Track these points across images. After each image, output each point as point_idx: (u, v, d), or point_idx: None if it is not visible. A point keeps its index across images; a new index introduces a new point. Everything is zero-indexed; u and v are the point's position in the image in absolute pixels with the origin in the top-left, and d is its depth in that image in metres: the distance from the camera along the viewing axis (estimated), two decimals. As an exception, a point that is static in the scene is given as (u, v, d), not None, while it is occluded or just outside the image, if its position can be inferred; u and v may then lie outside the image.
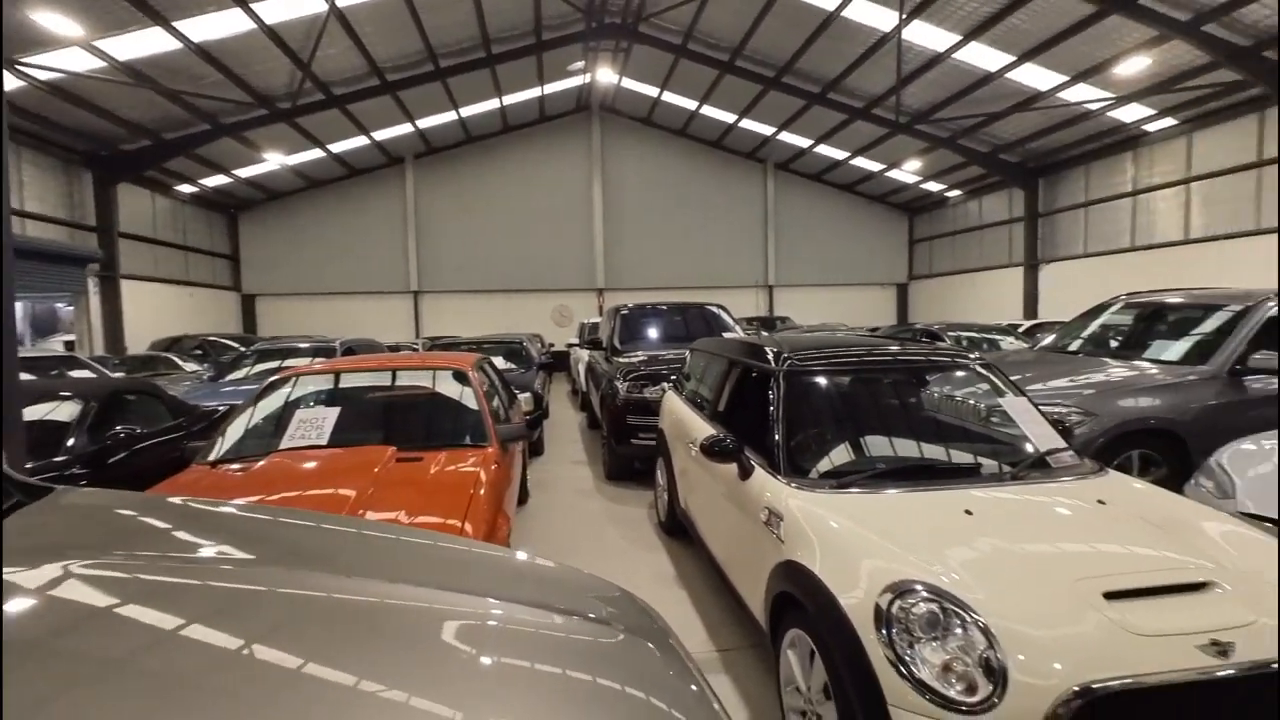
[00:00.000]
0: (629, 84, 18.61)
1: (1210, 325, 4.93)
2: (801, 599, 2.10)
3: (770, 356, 3.11)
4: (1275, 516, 2.85)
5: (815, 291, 22.11)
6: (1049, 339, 6.41)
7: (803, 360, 3.00)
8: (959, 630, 1.71)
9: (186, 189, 17.00)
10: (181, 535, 1.37)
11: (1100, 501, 2.26)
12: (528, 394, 7.28)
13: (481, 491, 2.82)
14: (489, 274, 20.76)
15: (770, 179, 21.63)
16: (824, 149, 19.17)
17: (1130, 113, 13.25)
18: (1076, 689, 1.56)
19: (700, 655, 2.99)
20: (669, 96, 18.69)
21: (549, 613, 1.17)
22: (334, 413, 3.41)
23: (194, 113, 13.21)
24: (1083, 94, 12.82)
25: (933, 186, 19.97)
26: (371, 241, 20.43)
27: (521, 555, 1.64)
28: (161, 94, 11.94)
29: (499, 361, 8.22)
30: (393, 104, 15.64)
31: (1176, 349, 5.03)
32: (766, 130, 18.98)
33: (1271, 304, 4.75)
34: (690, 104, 18.70)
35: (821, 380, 3.07)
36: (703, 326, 7.68)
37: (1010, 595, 1.78)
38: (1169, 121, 13.14)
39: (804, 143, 19.11)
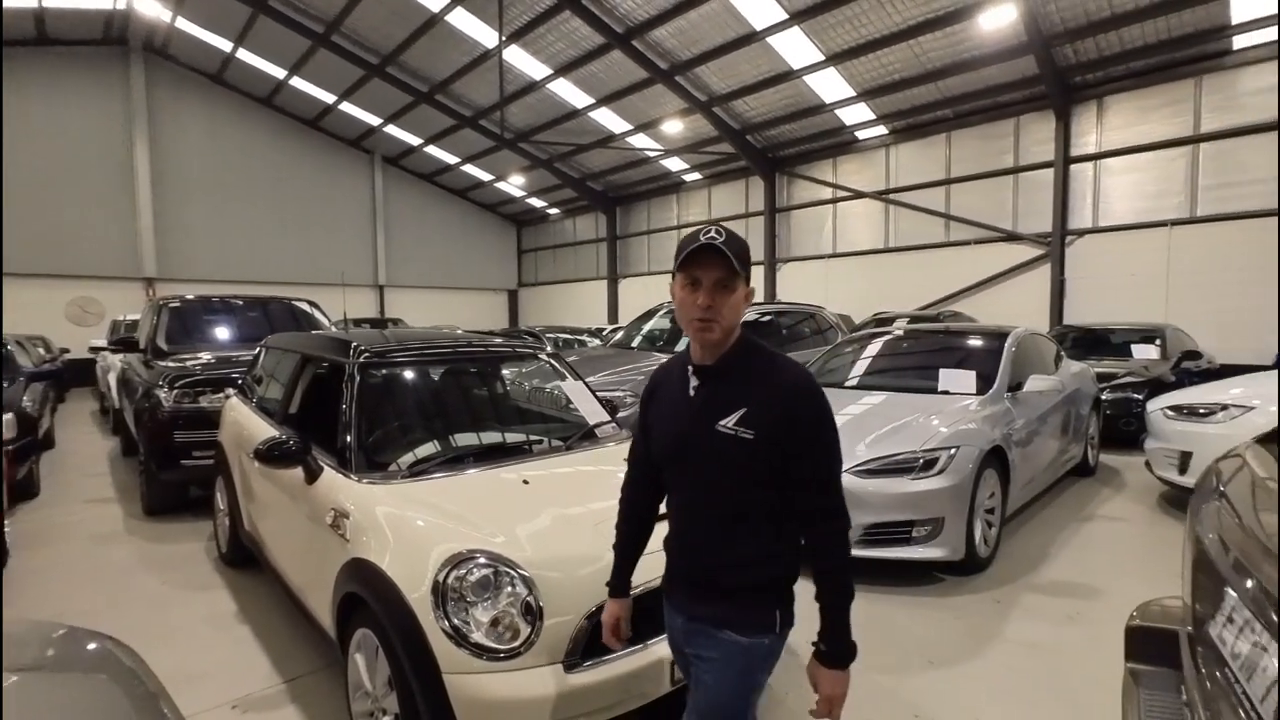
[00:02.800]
0: (189, 28, 15.10)
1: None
2: (366, 596, 2.03)
3: (344, 350, 2.92)
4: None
5: (429, 294, 21.80)
6: (618, 337, 7.77)
7: (378, 353, 2.90)
8: (508, 587, 1.90)
9: None
10: None
11: (624, 460, 2.81)
12: (9, 415, 5.25)
13: None
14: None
15: (379, 172, 20.42)
16: (434, 150, 19.05)
17: (674, 164, 16.97)
18: (594, 609, 1.90)
19: (265, 691, 2.62)
20: (249, 56, 15.86)
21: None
22: None
23: None
24: (643, 142, 15.85)
25: (536, 202, 21.87)
26: None
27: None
28: None
29: (-50, 372, 5.73)
30: None
31: (695, 344, 6.66)
32: (373, 120, 17.84)
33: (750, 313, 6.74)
34: (278, 72, 16.25)
35: (396, 373, 3.03)
36: (290, 325, 6.74)
37: (548, 547, 2.06)
38: (697, 175, 17.30)
39: (414, 140, 18.64)
